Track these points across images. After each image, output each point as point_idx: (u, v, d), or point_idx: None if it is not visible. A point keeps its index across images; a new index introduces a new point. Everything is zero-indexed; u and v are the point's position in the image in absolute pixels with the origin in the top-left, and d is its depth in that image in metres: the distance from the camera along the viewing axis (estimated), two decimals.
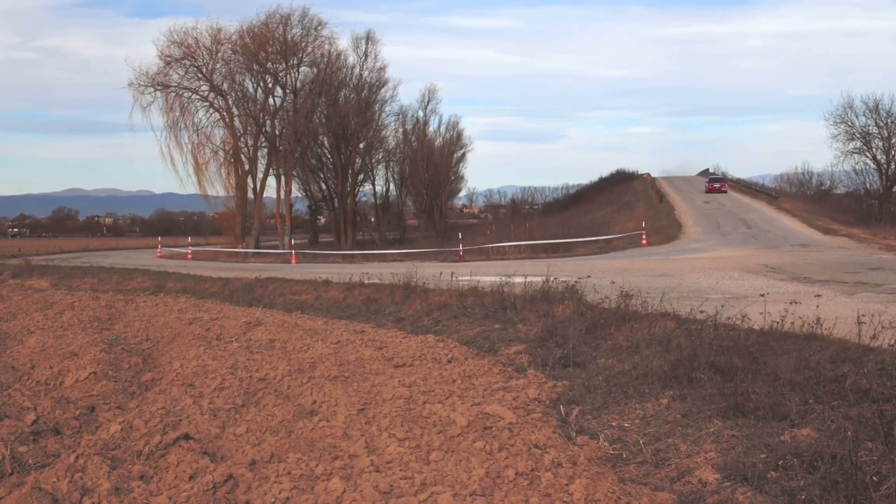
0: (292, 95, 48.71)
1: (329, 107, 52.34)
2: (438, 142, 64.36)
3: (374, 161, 61.87)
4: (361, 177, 60.86)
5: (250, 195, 47.96)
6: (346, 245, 50.98)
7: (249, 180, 47.68)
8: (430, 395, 6.76)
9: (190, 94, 46.21)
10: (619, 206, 53.30)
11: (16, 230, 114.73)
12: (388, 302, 13.90)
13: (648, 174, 77.32)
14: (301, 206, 65.93)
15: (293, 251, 36.43)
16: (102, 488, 4.57)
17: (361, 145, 58.04)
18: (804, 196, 48.39)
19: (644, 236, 31.17)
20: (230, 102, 47.31)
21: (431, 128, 64.65)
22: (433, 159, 61.88)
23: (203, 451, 5.30)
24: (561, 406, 6.45)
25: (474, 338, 10.02)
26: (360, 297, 14.83)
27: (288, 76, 48.39)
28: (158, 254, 43.82)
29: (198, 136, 45.99)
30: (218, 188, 47.15)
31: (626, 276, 15.02)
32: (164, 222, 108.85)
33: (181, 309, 14.14)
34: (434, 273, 16.18)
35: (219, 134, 47.09)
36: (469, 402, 6.39)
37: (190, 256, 40.47)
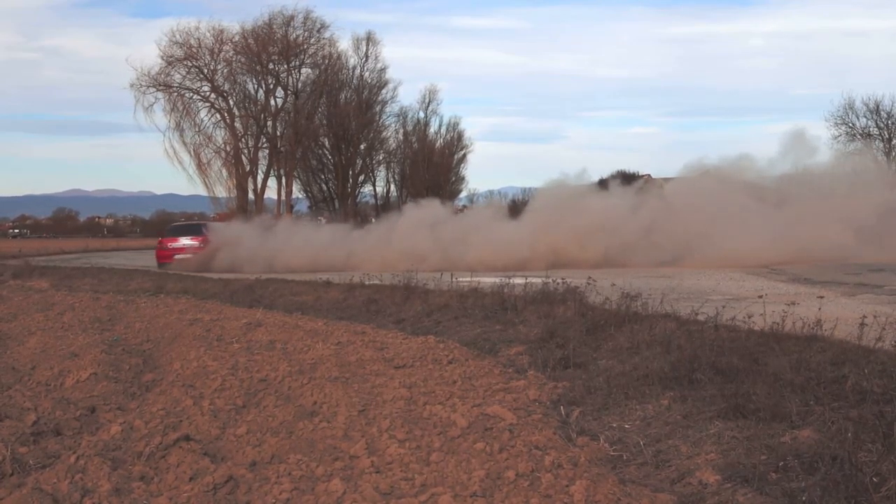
0: (293, 96, 48.76)
1: (330, 108, 52.38)
2: (439, 143, 64.36)
3: (374, 162, 61.87)
4: (362, 177, 60.87)
5: (251, 196, 48.03)
6: None
7: (250, 181, 47.77)
8: (431, 396, 6.76)
9: (191, 94, 46.30)
10: None
11: (16, 231, 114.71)
12: (388, 303, 13.90)
13: (649, 175, 77.17)
14: (302, 207, 65.96)
15: None
16: (103, 489, 4.57)
17: (362, 146, 58.05)
18: None
19: None
20: (231, 103, 47.41)
21: (432, 129, 64.61)
22: (434, 160, 61.89)
23: (203, 451, 5.30)
24: (561, 407, 6.45)
25: (475, 339, 10.02)
26: (360, 297, 14.83)
27: (289, 77, 48.47)
28: None
29: (199, 136, 46.12)
30: (220, 189, 47.29)
31: (627, 277, 15.03)
32: (165, 223, 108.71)
33: (182, 310, 14.13)
34: (434, 274, 16.18)
35: (220, 134, 47.21)
36: (469, 403, 6.39)
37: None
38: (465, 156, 67.76)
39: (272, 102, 48.34)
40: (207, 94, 46.60)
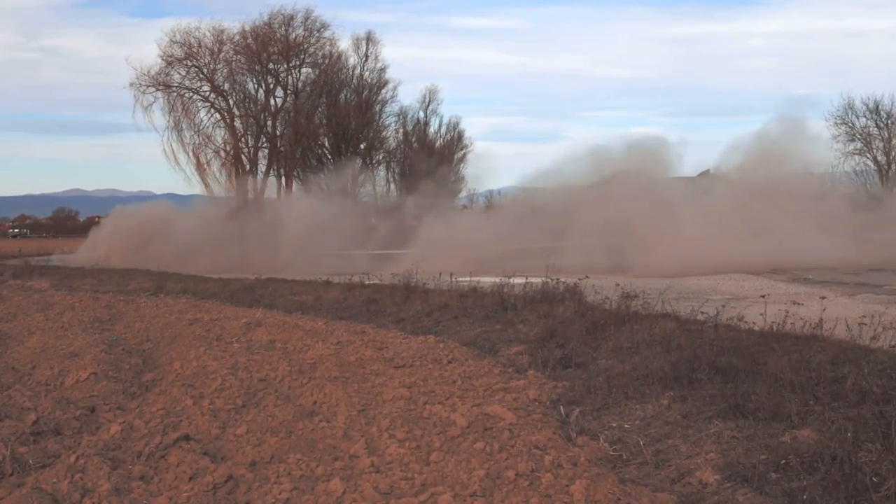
0: (293, 96, 48.76)
1: (330, 107, 52.34)
2: (439, 143, 64.29)
3: (374, 162, 61.84)
4: (362, 177, 60.83)
5: (251, 195, 48.00)
6: None
7: (250, 181, 47.76)
8: (431, 395, 6.76)
9: (191, 94, 46.30)
10: None
11: (16, 231, 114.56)
12: (388, 303, 13.90)
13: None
14: None
15: None
16: (103, 489, 4.57)
17: (362, 146, 58.04)
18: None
19: None
20: (231, 103, 47.39)
21: (432, 128, 64.51)
22: (433, 160, 61.81)
23: (203, 451, 5.30)
24: (561, 407, 6.45)
25: (475, 338, 10.02)
26: (360, 297, 14.83)
27: (289, 77, 48.46)
28: None
29: (199, 136, 46.12)
30: (219, 189, 47.27)
31: (626, 277, 15.01)
32: None
33: (181, 309, 14.13)
34: (434, 273, 16.17)
35: (220, 134, 47.20)
36: (469, 402, 6.39)
37: None
38: (465, 156, 67.70)
39: (272, 102, 48.35)
40: (207, 93, 46.60)
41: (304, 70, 49.22)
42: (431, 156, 57.23)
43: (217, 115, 47.04)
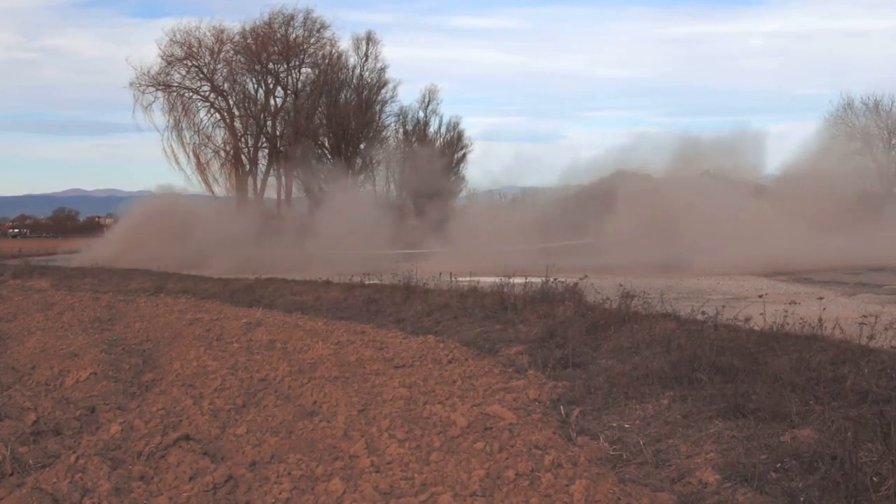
0: (293, 96, 48.81)
1: (329, 107, 52.37)
2: (439, 143, 64.30)
3: (374, 162, 61.87)
4: (362, 177, 60.86)
5: (251, 195, 48.04)
6: None
7: (250, 180, 47.81)
8: (431, 395, 6.76)
9: (191, 94, 46.33)
10: None
11: (16, 231, 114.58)
12: (388, 302, 13.91)
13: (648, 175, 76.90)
14: None
15: None
16: (103, 489, 4.57)
17: (362, 146, 58.07)
18: None
19: None
20: (231, 103, 47.43)
21: (432, 128, 64.53)
22: (434, 160, 61.82)
23: (203, 451, 5.30)
24: (561, 407, 6.45)
25: (475, 338, 10.02)
26: (360, 297, 14.83)
27: (289, 77, 48.52)
28: None
29: (199, 136, 46.16)
30: (219, 188, 47.33)
31: (626, 277, 15.02)
32: None
33: (181, 309, 14.13)
34: (434, 273, 16.17)
35: (220, 134, 47.25)
36: (469, 402, 6.39)
37: None
38: (464, 156, 67.73)
39: (272, 102, 48.41)
40: (207, 93, 46.66)
41: (304, 70, 49.29)
42: (431, 155, 57.17)
43: (217, 115, 47.09)
